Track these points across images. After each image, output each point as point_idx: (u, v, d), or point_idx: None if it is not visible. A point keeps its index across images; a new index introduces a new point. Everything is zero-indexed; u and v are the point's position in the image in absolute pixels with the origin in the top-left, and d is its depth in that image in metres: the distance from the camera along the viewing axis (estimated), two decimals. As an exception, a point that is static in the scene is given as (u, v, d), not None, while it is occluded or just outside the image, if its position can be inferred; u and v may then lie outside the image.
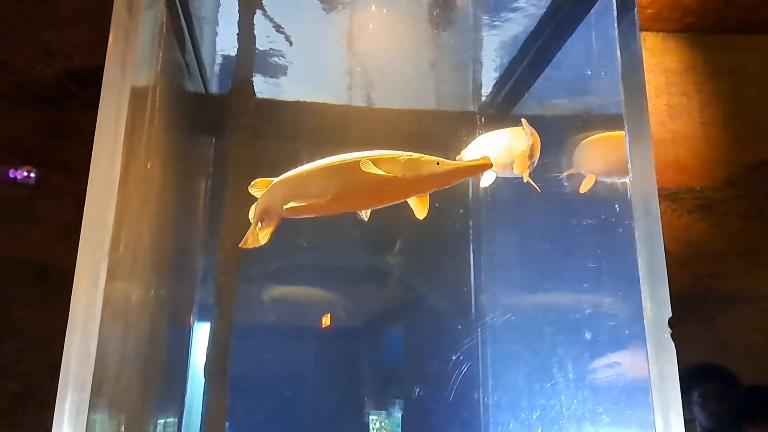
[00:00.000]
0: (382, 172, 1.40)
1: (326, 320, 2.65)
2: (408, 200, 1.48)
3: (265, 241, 1.55)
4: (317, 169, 1.49)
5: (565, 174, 2.00)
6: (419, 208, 1.48)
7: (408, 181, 1.41)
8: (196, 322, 2.36)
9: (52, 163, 1.75)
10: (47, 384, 1.61)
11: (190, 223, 2.29)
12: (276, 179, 1.58)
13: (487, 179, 1.94)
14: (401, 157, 1.42)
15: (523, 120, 1.81)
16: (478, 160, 1.39)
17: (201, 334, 2.34)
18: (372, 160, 1.42)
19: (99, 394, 1.29)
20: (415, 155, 1.43)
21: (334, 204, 1.48)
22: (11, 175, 1.72)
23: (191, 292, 2.29)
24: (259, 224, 1.59)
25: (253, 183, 1.58)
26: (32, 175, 1.72)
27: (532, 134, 1.81)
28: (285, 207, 1.51)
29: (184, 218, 2.19)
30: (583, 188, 1.92)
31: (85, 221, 1.30)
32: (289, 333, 2.69)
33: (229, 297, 1.94)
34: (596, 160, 1.93)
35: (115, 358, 1.43)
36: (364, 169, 1.40)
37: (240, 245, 1.58)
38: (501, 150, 1.85)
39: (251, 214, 1.62)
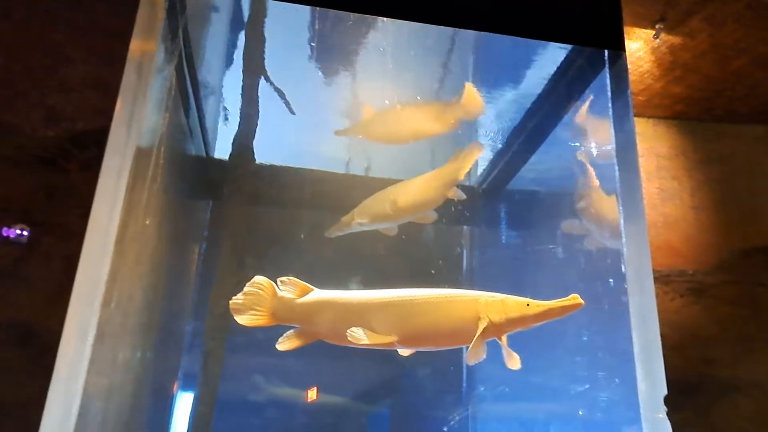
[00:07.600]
0: (474, 336, 1.35)
1: (312, 394, 2.58)
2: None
3: (282, 348, 1.50)
4: (386, 301, 1.44)
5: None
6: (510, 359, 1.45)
7: (496, 326, 1.38)
8: (179, 388, 2.29)
9: (45, 225, 1.71)
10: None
11: (181, 286, 2.25)
12: (334, 295, 1.53)
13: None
14: (481, 299, 1.39)
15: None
16: (569, 300, 1.40)
17: (184, 399, 2.27)
18: (450, 300, 1.40)
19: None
20: (499, 296, 1.40)
21: (400, 342, 1.43)
22: (3, 235, 1.70)
23: (177, 357, 2.23)
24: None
25: (288, 280, 1.56)
26: (25, 233, 1.70)
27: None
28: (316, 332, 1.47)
29: (176, 281, 2.16)
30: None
31: (77, 284, 1.28)
32: (276, 403, 2.60)
33: (215, 363, 1.89)
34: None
35: (96, 424, 1.38)
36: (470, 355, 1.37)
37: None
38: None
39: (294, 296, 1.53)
